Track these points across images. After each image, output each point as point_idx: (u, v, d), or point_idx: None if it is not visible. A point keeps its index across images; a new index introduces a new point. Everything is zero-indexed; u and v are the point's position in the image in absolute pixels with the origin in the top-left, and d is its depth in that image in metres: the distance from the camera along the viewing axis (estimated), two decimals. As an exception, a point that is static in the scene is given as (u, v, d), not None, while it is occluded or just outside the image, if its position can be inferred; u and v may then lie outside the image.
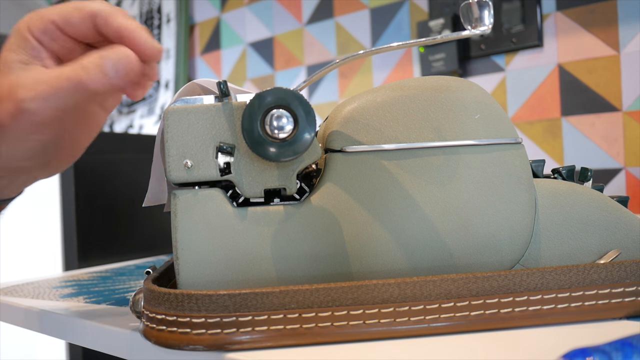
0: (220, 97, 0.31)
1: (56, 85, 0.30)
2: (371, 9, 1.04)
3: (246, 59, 1.24)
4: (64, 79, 0.30)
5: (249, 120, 0.29)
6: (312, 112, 0.30)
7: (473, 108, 0.33)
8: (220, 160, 0.30)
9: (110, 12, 0.32)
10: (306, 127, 0.29)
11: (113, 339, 0.34)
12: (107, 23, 0.32)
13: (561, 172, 0.35)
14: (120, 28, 0.31)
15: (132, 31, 0.31)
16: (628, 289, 0.30)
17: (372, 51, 0.31)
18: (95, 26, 0.32)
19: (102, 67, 0.30)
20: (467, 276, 0.29)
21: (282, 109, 0.29)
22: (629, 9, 0.76)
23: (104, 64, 0.30)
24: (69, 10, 0.32)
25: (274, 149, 0.29)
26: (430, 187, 0.31)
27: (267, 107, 0.29)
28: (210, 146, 0.30)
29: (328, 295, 0.28)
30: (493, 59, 0.89)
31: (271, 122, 0.29)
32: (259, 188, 0.31)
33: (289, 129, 0.29)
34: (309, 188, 0.32)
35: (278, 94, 0.29)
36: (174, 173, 0.30)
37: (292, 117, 0.29)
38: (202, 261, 0.29)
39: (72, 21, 0.32)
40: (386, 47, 0.31)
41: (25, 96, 0.30)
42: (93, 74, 0.30)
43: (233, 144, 0.30)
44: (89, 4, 0.32)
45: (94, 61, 0.31)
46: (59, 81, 0.30)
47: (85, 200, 0.84)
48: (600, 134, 0.79)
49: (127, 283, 0.53)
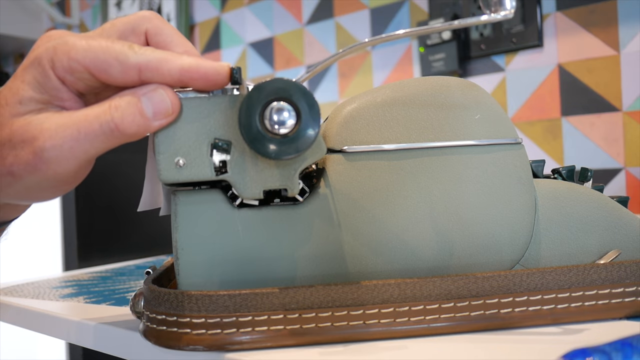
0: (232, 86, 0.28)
1: (85, 130, 0.26)
2: (371, 9, 1.04)
3: (246, 59, 1.24)
4: (94, 123, 0.26)
5: (247, 114, 0.27)
6: (316, 106, 0.27)
7: (473, 108, 0.33)
8: (215, 158, 0.28)
9: (161, 59, 0.27)
10: (309, 121, 0.27)
11: (113, 339, 0.34)
12: (161, 74, 0.27)
13: (561, 172, 0.35)
14: (182, 72, 0.27)
15: (197, 68, 0.27)
16: (628, 289, 0.30)
17: (378, 39, 0.29)
18: (142, 80, 0.27)
19: (139, 107, 0.27)
20: (467, 276, 0.29)
21: (283, 102, 0.27)
22: (629, 9, 0.76)
23: (142, 104, 0.27)
24: (108, 59, 0.26)
25: (274, 146, 0.27)
26: (430, 187, 0.31)
27: (267, 99, 0.27)
28: (204, 143, 0.28)
29: (328, 295, 0.28)
30: (493, 59, 0.89)
31: (271, 116, 0.27)
32: (257, 189, 0.28)
33: (291, 123, 0.27)
34: (309, 188, 0.32)
35: (278, 84, 0.27)
36: (164, 172, 0.28)
37: (294, 110, 0.27)
38: (202, 261, 0.29)
39: (110, 72, 0.26)
40: (392, 35, 0.29)
41: (47, 144, 0.26)
42: (129, 116, 0.26)
43: (229, 140, 0.28)
44: (132, 55, 0.26)
45: (129, 101, 0.27)
46: (89, 125, 0.26)
47: (85, 200, 0.84)
48: (600, 134, 0.79)
49: (127, 283, 0.53)
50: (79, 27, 1.69)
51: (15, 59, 1.97)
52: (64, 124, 0.26)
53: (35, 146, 0.26)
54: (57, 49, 0.26)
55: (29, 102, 0.27)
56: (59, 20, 1.66)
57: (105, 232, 0.87)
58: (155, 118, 0.27)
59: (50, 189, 0.28)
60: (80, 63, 0.26)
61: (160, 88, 0.27)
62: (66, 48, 0.26)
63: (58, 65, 0.26)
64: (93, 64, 0.26)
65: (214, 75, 0.27)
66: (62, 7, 1.74)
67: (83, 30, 1.67)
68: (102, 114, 0.26)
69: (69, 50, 0.26)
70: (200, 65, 0.27)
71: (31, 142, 0.26)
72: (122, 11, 1.53)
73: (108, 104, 0.27)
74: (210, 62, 0.27)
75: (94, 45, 0.26)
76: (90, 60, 0.26)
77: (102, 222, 0.86)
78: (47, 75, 0.27)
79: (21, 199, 0.29)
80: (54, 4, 1.76)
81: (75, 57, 0.26)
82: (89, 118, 0.26)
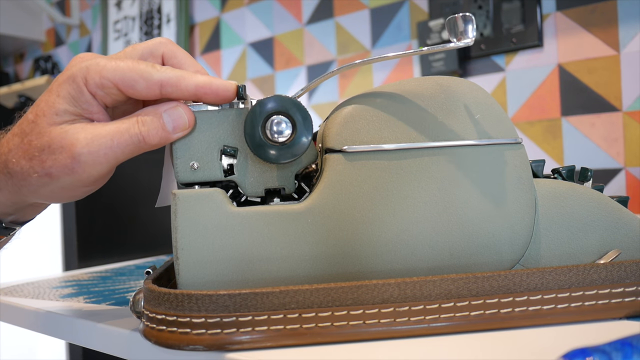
0: (237, 100, 0.33)
1: (118, 140, 0.31)
2: (371, 9, 1.04)
3: (246, 59, 1.24)
4: (125, 134, 0.31)
5: (251, 125, 0.31)
6: (309, 118, 0.32)
7: (473, 108, 0.33)
8: (224, 162, 0.32)
9: (179, 77, 0.31)
10: (304, 131, 0.32)
11: (113, 339, 0.34)
12: (180, 89, 0.31)
13: (561, 172, 0.35)
14: (197, 88, 0.31)
15: (209, 85, 0.31)
16: (628, 289, 0.30)
17: (368, 61, 0.33)
18: (162, 94, 0.32)
19: (161, 122, 0.31)
20: (467, 276, 0.29)
21: (282, 115, 0.32)
22: (629, 9, 0.76)
23: (164, 119, 0.31)
24: (134, 77, 0.31)
25: (274, 152, 0.31)
26: (430, 187, 0.31)
27: (268, 113, 0.31)
28: (214, 149, 0.32)
29: (328, 295, 0.28)
30: (493, 59, 0.89)
31: (271, 127, 0.31)
32: (260, 188, 0.32)
33: (288, 133, 0.31)
34: (308, 188, 0.32)
35: (278, 101, 0.32)
36: (181, 174, 0.32)
37: (291, 122, 0.32)
38: (202, 261, 0.29)
39: (136, 87, 0.31)
40: (382, 57, 0.32)
41: (85, 150, 0.30)
42: (154, 130, 0.31)
43: (236, 146, 0.32)
44: (155, 73, 0.31)
45: (153, 117, 0.31)
46: (121, 136, 0.31)
47: (86, 200, 0.84)
48: (600, 134, 0.79)
49: (127, 283, 0.53)
50: (78, 27, 1.69)
51: (15, 59, 1.97)
52: (99, 134, 0.31)
53: (73, 151, 0.30)
54: (89, 69, 0.31)
55: (64, 113, 0.31)
56: (59, 20, 1.66)
57: (105, 232, 0.87)
58: (175, 131, 0.32)
59: (81, 189, 0.33)
60: (110, 80, 0.31)
61: (179, 106, 0.32)
62: (98, 68, 0.31)
63: (91, 82, 0.31)
64: (122, 81, 0.31)
65: (224, 92, 0.32)
66: (62, 7, 1.74)
67: (83, 30, 1.67)
68: (132, 127, 0.31)
69: (100, 70, 0.31)
70: (213, 83, 0.31)
71: (70, 148, 0.30)
72: (122, 11, 1.53)
73: (135, 119, 0.31)
74: (221, 80, 0.32)
75: (122, 65, 0.31)
76: (119, 77, 0.31)
77: (102, 222, 0.86)
78: (81, 90, 0.31)
79: (52, 198, 0.33)
80: (54, 4, 1.76)
81: (106, 75, 0.31)
82: (120, 130, 0.31)
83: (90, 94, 0.31)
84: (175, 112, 0.32)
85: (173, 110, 0.32)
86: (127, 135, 0.31)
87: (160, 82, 0.31)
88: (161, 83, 0.31)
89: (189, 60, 0.35)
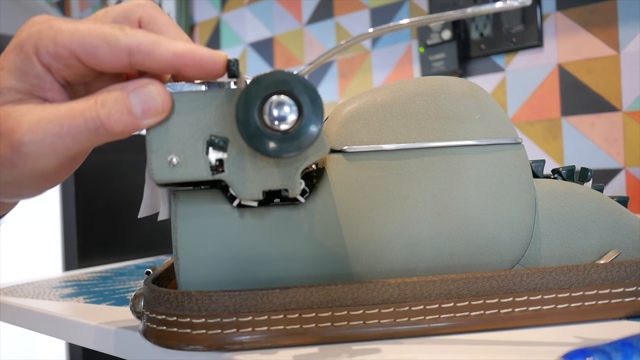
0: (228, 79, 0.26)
1: (68, 126, 0.24)
2: (371, 9, 1.04)
3: (246, 59, 1.24)
4: (79, 118, 0.24)
5: (245, 110, 0.25)
6: (319, 100, 0.25)
7: (473, 108, 0.33)
8: (211, 156, 0.26)
9: (153, 42, 0.25)
10: (312, 117, 0.25)
11: (113, 339, 0.34)
12: (153, 57, 0.25)
13: (561, 172, 0.35)
14: (176, 57, 0.25)
15: (191, 54, 0.25)
16: (628, 289, 0.30)
17: (383, 29, 0.27)
18: (132, 64, 0.25)
19: (127, 104, 0.24)
20: (467, 276, 0.29)
21: (284, 96, 0.25)
22: (629, 9, 0.76)
23: (130, 100, 0.25)
24: (95, 41, 0.24)
25: (274, 144, 0.25)
26: (430, 187, 0.31)
27: (266, 93, 0.25)
28: (199, 140, 0.26)
29: (328, 295, 0.28)
30: (493, 59, 0.89)
31: (271, 111, 0.25)
32: (256, 189, 0.27)
33: (292, 119, 0.25)
34: (309, 188, 0.32)
35: (278, 76, 0.25)
36: (157, 171, 0.26)
37: (296, 105, 0.25)
38: (202, 261, 0.29)
39: (98, 55, 0.24)
40: (397, 25, 0.27)
41: (26, 138, 0.24)
42: (116, 114, 0.24)
43: (226, 137, 0.26)
44: (123, 37, 0.24)
45: (117, 97, 0.24)
46: (73, 120, 0.24)
47: (85, 200, 0.84)
48: (600, 134, 0.79)
49: (127, 283, 0.53)
50: (79, 27, 1.69)
51: (15, 59, 1.97)
52: (46, 118, 0.24)
53: (13, 139, 0.24)
54: (41, 34, 0.24)
55: (8, 91, 0.25)
56: (59, 20, 1.66)
57: (105, 232, 0.87)
58: (144, 117, 0.25)
59: (29, 186, 0.26)
60: (66, 47, 0.24)
61: (151, 84, 0.25)
62: (52, 32, 0.24)
63: (43, 51, 0.24)
64: (80, 48, 0.24)
65: (210, 64, 0.25)
66: (62, 7, 1.74)
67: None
68: (88, 109, 0.24)
69: (54, 35, 0.24)
70: (196, 51, 0.25)
71: (9, 135, 0.24)
72: (122, 11, 1.53)
73: (94, 98, 0.25)
74: (207, 49, 0.25)
75: (82, 28, 0.24)
76: (77, 43, 0.24)
77: (102, 222, 0.86)
78: (30, 62, 0.24)
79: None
80: (54, 4, 1.76)
81: (61, 41, 0.24)
82: (73, 113, 0.24)
83: (42, 66, 0.25)
84: (145, 91, 0.25)
85: (143, 89, 0.25)
86: (81, 119, 0.24)
87: (128, 48, 0.24)
88: (130, 49, 0.24)
89: (172, 28, 0.28)
